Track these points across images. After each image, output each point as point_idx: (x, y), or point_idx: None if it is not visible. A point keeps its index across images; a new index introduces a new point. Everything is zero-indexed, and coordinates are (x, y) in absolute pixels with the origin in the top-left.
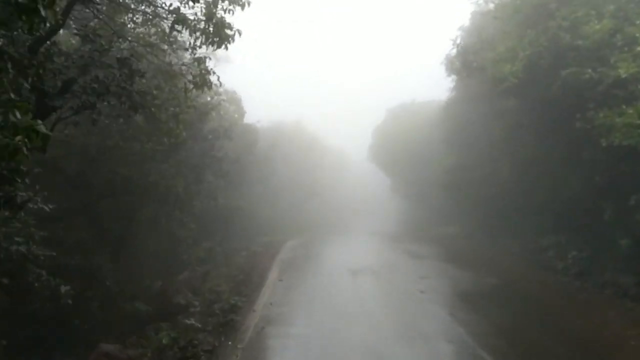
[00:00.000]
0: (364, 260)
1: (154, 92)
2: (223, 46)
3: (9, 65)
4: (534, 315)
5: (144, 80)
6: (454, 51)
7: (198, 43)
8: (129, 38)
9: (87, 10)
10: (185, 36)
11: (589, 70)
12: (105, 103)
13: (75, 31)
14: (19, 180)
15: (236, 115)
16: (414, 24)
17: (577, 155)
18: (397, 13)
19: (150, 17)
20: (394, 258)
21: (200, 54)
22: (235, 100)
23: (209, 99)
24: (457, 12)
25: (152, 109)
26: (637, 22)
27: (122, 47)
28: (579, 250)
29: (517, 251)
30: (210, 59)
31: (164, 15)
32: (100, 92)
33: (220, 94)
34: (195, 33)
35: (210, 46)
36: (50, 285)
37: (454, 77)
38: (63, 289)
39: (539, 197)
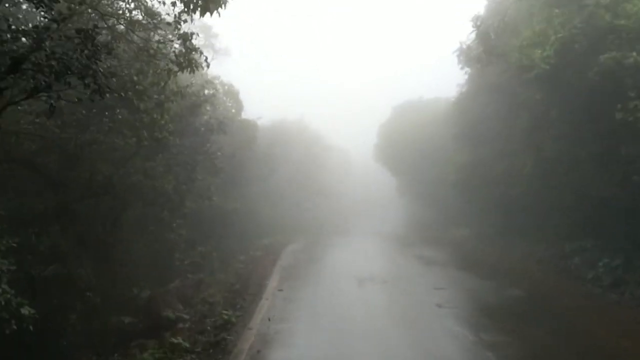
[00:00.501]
0: (371, 267)
1: (135, 77)
2: (211, 14)
3: None
4: (572, 336)
5: (119, 63)
6: (473, 35)
7: (183, 15)
8: (108, 15)
9: None
10: (167, 6)
11: (633, 54)
12: (66, 85)
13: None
14: None
15: (233, 110)
16: (415, 23)
17: (614, 150)
18: (397, 12)
19: None
20: (404, 264)
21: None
22: (232, 93)
23: (206, 92)
24: (462, 10)
25: (129, 94)
26: None
27: (99, 25)
28: (610, 258)
29: (539, 257)
30: (197, 35)
31: None
32: (58, 71)
33: (214, 85)
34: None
35: (194, 13)
36: (11, 307)
37: (467, 69)
38: (26, 310)
39: (563, 197)
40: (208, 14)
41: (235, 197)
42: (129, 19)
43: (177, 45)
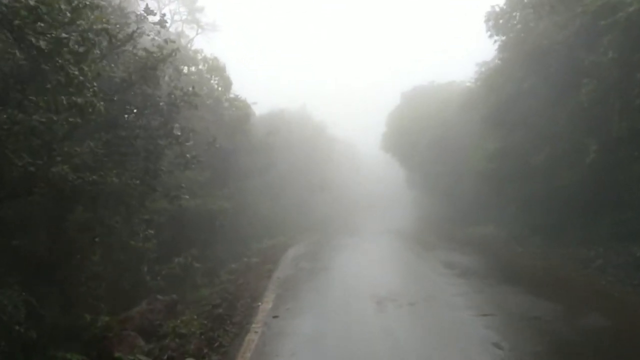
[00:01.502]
0: (389, 280)
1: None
2: None
3: None
4: None
5: None
6: None
7: None
8: None
9: None
10: None
11: None
12: None
13: None
14: None
15: (220, 88)
16: (406, 19)
17: None
18: (388, 11)
19: None
20: (431, 275)
21: None
22: (217, 69)
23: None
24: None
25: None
26: None
27: None
28: None
29: (600, 264)
30: None
31: None
32: None
33: (178, 44)
34: None
35: None
36: None
37: (497, 38)
38: None
39: (634, 188)
40: None
41: (225, 194)
42: None
43: None
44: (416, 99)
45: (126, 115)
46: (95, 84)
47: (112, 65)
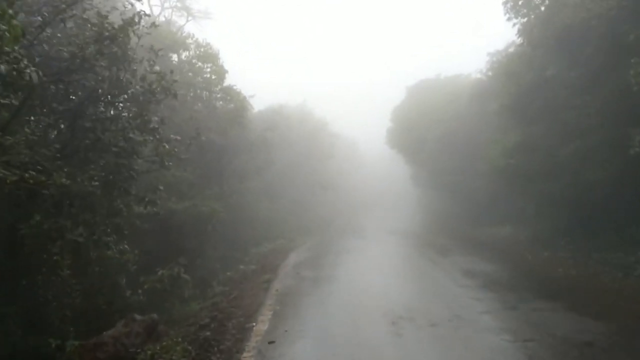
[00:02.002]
0: (403, 293)
1: None
2: None
3: None
4: None
5: None
6: None
7: None
8: None
9: None
10: None
11: None
12: None
13: None
14: None
15: (213, 77)
16: (410, 11)
17: None
18: (392, 2)
19: None
20: (451, 287)
21: None
22: (210, 56)
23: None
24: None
25: None
26: None
27: None
28: None
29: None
30: None
31: None
32: None
33: (143, 12)
34: None
35: None
36: None
37: (516, 21)
38: None
39: None
40: None
41: (218, 194)
42: None
43: None
44: (422, 93)
45: (102, 106)
46: (16, 48)
47: (59, 35)
